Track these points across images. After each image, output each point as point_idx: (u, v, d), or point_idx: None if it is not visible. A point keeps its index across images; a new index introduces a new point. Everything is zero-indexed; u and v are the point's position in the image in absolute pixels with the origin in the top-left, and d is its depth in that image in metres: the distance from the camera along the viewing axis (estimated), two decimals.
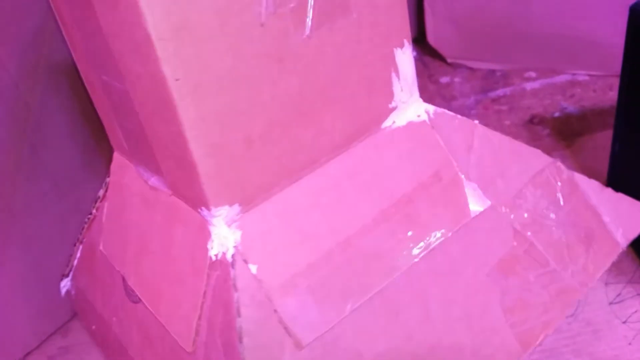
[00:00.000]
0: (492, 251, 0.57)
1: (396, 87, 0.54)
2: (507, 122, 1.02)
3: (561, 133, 0.97)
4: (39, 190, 0.75)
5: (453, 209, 0.56)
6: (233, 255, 0.47)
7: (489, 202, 0.57)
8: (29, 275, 0.76)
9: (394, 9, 0.51)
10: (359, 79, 0.52)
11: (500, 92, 1.09)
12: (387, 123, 0.55)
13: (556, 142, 0.96)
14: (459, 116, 0.58)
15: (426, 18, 1.15)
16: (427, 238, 0.54)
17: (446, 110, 0.58)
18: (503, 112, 1.04)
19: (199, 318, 0.49)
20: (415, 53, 1.23)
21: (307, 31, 0.45)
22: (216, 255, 0.48)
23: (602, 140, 0.93)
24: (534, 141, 0.97)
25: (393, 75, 0.53)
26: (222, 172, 0.45)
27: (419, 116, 0.56)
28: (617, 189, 0.80)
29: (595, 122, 0.98)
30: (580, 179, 0.64)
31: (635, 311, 0.72)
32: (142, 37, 0.40)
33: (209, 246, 0.48)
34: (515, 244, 0.58)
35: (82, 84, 0.59)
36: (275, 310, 0.48)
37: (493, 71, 1.14)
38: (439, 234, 0.54)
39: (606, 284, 0.75)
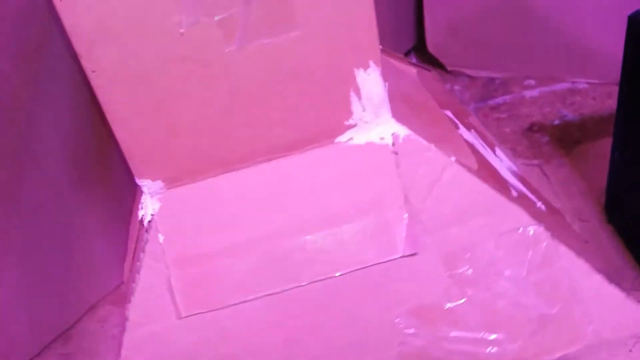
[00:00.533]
0: (413, 295, 0.54)
1: (355, 106, 0.52)
2: (507, 130, 1.02)
3: (561, 141, 0.98)
4: (39, 197, 0.75)
5: (380, 242, 0.53)
6: (149, 222, 0.55)
7: (426, 246, 0.53)
8: (30, 283, 0.76)
9: (357, 28, 0.48)
10: (305, 92, 0.50)
11: (499, 100, 1.09)
12: (342, 139, 0.53)
13: (556, 150, 0.96)
14: (434, 148, 0.53)
15: (426, 26, 1.15)
16: (342, 262, 0.53)
17: (423, 141, 0.53)
18: (502, 119, 1.05)
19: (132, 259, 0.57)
20: (415, 61, 1.24)
21: (237, 43, 0.47)
22: (142, 218, 0.56)
23: (602, 148, 0.93)
24: (533, 149, 0.97)
25: (352, 94, 0.51)
26: (143, 152, 0.52)
27: (382, 139, 0.53)
28: (616, 196, 0.80)
29: (595, 130, 0.98)
30: (567, 255, 0.57)
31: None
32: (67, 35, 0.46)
33: (139, 207, 0.55)
34: (444, 296, 0.55)
35: (81, 91, 0.60)
36: (168, 279, 0.53)
37: (492, 79, 1.14)
38: (355, 261, 0.53)
39: None
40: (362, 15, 0.47)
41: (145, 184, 0.54)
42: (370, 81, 0.50)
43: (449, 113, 0.64)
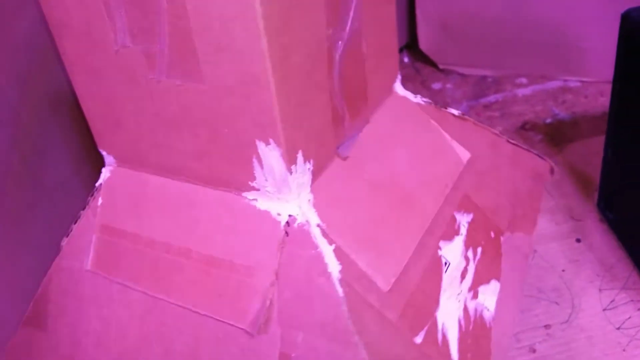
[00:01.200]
0: None
1: (258, 173, 0.50)
2: (500, 128, 1.02)
3: (553, 139, 0.98)
4: (29, 200, 0.74)
5: (235, 304, 0.52)
6: (99, 185, 0.60)
7: (270, 336, 0.51)
8: (18, 285, 0.76)
9: (259, 109, 0.46)
10: (214, 141, 0.50)
11: (492, 98, 1.09)
12: (249, 196, 0.52)
13: (548, 148, 0.96)
14: (319, 250, 0.49)
15: (418, 24, 1.15)
16: (202, 302, 0.54)
17: (316, 236, 0.49)
18: (495, 118, 1.05)
19: None
20: (407, 59, 1.24)
21: (157, 75, 0.49)
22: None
23: (594, 146, 0.93)
24: None
25: (255, 161, 0.49)
26: (100, 128, 0.58)
27: (279, 214, 0.51)
28: (609, 194, 0.80)
29: (587, 128, 0.98)
30: None
31: (629, 317, 0.72)
32: None
33: None
34: None
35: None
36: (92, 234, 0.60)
37: (484, 77, 1.14)
38: (210, 310, 0.54)
39: (600, 290, 0.75)
40: (262, 98, 0.45)
41: (104, 154, 0.59)
42: (272, 157, 0.48)
43: (454, 215, 0.61)
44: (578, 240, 0.81)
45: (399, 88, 0.63)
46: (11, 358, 0.65)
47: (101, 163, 0.63)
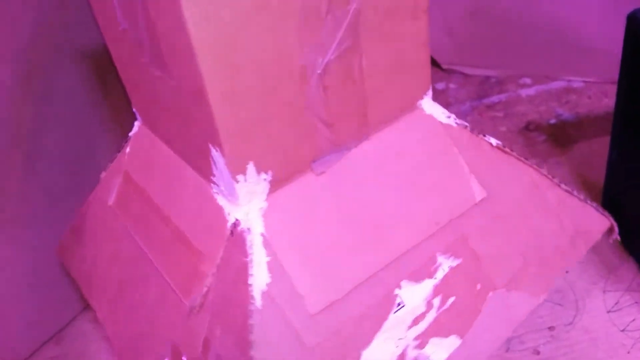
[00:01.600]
0: None
1: (215, 171, 0.51)
2: (503, 129, 1.02)
3: (557, 140, 0.97)
4: (31, 198, 0.74)
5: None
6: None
7: None
8: (21, 283, 0.76)
9: (206, 116, 0.46)
10: (184, 128, 0.52)
11: (495, 98, 1.09)
12: (213, 188, 0.53)
13: (552, 149, 0.96)
14: (254, 254, 0.50)
15: None
16: None
17: (253, 243, 0.50)
18: (498, 118, 1.04)
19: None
20: None
21: (145, 61, 0.51)
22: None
23: (598, 147, 0.93)
24: (529, 148, 0.97)
25: (211, 160, 0.50)
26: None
27: (228, 214, 0.52)
28: (614, 196, 0.80)
29: (591, 129, 0.98)
30: None
31: (634, 319, 0.72)
32: None
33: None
34: None
35: (76, 91, 0.60)
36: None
37: (488, 77, 1.14)
38: None
39: (604, 291, 0.75)
40: (205, 111, 0.45)
41: (134, 110, 0.63)
42: (220, 163, 0.49)
43: (435, 256, 0.57)
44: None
45: (427, 105, 0.59)
46: (60, 252, 0.75)
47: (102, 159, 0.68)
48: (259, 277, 0.49)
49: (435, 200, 0.57)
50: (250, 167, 0.49)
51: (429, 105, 0.59)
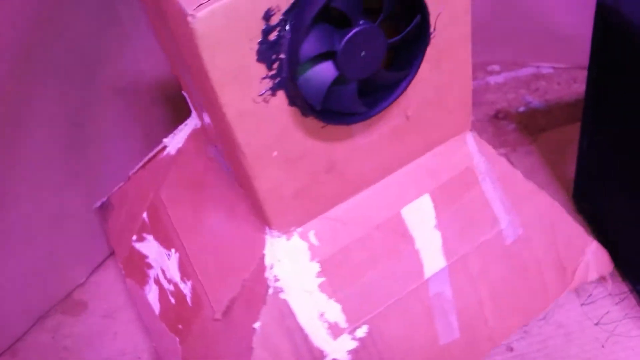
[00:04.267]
0: None
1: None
2: (472, 118, 0.99)
3: (527, 128, 0.96)
4: (12, 193, 0.70)
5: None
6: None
7: None
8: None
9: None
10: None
11: None
12: None
13: (521, 138, 0.94)
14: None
15: None
16: None
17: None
18: None
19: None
20: None
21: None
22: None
23: (568, 135, 0.91)
24: (499, 137, 0.95)
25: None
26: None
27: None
28: (585, 185, 0.78)
29: (561, 116, 0.96)
30: None
31: (607, 312, 0.70)
32: None
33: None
34: None
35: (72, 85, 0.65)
36: None
37: None
38: None
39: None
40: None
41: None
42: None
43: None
44: None
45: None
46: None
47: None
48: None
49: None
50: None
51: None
